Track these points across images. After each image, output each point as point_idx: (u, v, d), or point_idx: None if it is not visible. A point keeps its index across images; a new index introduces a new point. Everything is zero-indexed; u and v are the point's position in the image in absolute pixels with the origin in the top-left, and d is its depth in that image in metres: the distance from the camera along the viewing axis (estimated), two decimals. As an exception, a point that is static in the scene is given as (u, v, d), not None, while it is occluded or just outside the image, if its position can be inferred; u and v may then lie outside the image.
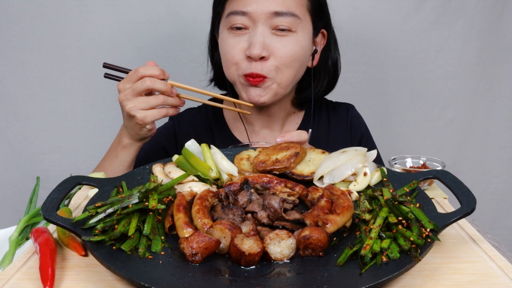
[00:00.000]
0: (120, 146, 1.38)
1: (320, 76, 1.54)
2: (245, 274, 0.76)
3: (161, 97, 1.27)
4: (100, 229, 0.82)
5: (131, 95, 1.26)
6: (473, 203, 0.86)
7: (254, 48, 1.33)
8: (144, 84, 1.24)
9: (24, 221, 1.08)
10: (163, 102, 1.27)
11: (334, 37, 1.54)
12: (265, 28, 1.35)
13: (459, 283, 0.76)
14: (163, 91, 1.26)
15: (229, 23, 1.38)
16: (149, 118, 1.27)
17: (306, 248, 0.81)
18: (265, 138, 1.58)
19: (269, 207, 0.91)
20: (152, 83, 1.24)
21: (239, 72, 1.39)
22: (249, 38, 1.36)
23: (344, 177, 1.06)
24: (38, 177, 1.28)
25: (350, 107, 1.67)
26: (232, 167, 1.13)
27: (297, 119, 1.61)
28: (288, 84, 1.42)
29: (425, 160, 1.27)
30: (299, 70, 1.44)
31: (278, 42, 1.35)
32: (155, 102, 1.26)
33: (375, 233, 0.81)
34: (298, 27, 1.37)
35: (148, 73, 1.25)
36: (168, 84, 1.27)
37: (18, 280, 0.79)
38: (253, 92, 1.39)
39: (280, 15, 1.33)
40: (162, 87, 1.25)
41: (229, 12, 1.37)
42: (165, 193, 0.97)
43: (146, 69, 1.26)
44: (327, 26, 1.50)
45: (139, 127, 1.30)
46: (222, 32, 1.42)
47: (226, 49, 1.40)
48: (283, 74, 1.38)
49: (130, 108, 1.26)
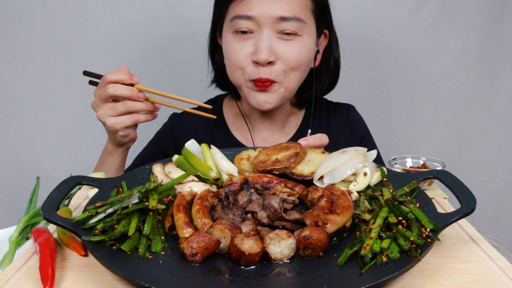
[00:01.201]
0: (106, 152, 1.41)
1: (321, 76, 1.54)
2: (245, 274, 0.76)
3: (128, 103, 1.24)
4: (100, 229, 0.82)
5: (99, 102, 1.26)
6: (473, 203, 0.86)
7: (261, 53, 1.31)
8: (107, 91, 1.22)
9: (24, 221, 1.08)
10: (130, 108, 1.25)
11: (335, 36, 1.54)
12: (270, 33, 1.33)
13: (459, 283, 0.76)
14: (128, 97, 1.23)
15: (233, 27, 1.36)
16: (119, 125, 1.26)
17: (306, 248, 0.81)
18: (265, 139, 1.58)
19: (269, 207, 0.91)
20: (114, 89, 1.22)
21: (246, 77, 1.38)
22: (255, 43, 1.34)
23: (344, 177, 1.06)
24: (38, 177, 1.28)
25: (351, 108, 1.67)
26: (232, 167, 1.13)
27: (297, 119, 1.61)
28: (294, 87, 1.42)
29: (425, 160, 1.27)
30: (305, 73, 1.44)
31: (285, 46, 1.34)
32: (122, 109, 1.24)
33: (375, 233, 0.81)
34: (303, 30, 1.36)
35: (113, 79, 1.23)
36: (134, 89, 1.23)
37: (18, 280, 0.79)
38: (261, 98, 1.38)
39: (285, 20, 1.32)
40: (125, 92, 1.22)
41: (233, 16, 1.35)
42: (165, 193, 0.97)
43: (112, 74, 1.23)
44: (329, 27, 1.50)
45: (112, 134, 1.31)
46: (226, 35, 1.40)
47: (231, 53, 1.38)
48: (290, 78, 1.38)
49: (100, 115, 1.27)
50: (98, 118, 1.27)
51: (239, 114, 1.59)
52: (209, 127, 1.60)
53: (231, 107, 1.62)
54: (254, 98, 1.39)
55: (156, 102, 1.30)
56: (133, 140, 1.37)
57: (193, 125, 1.60)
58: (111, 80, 1.22)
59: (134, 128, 1.35)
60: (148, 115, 1.29)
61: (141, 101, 1.25)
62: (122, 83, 1.23)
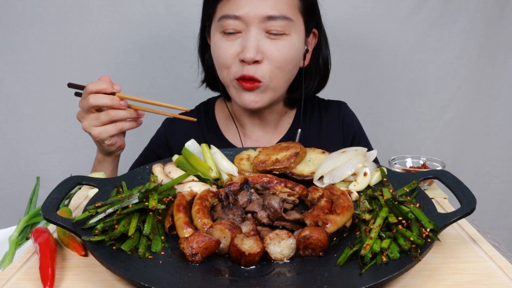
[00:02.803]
0: (96, 162, 1.43)
1: (311, 76, 1.54)
2: (245, 274, 0.76)
3: (111, 112, 1.25)
4: (100, 229, 0.82)
5: (83, 113, 1.28)
6: (473, 203, 0.86)
7: (247, 51, 1.31)
8: (88, 101, 1.24)
9: (24, 221, 1.08)
10: (113, 117, 1.26)
11: (324, 35, 1.53)
12: (258, 32, 1.33)
13: (459, 283, 0.76)
14: (110, 106, 1.24)
15: (221, 27, 1.36)
16: (104, 134, 1.27)
17: (306, 248, 0.81)
18: (258, 140, 1.57)
19: (269, 207, 0.91)
20: (95, 99, 1.23)
21: (231, 76, 1.38)
22: (242, 42, 1.34)
23: (344, 177, 1.06)
24: (38, 177, 1.28)
25: (342, 105, 1.65)
26: (232, 167, 1.13)
27: (289, 118, 1.60)
28: (281, 87, 1.42)
29: (425, 160, 1.27)
30: (293, 73, 1.43)
31: (272, 46, 1.34)
32: (105, 118, 1.25)
33: (375, 233, 0.81)
34: (291, 29, 1.35)
35: (94, 89, 1.24)
36: (115, 98, 1.25)
37: (18, 280, 0.79)
38: (247, 98, 1.38)
39: (273, 19, 1.31)
40: (107, 101, 1.24)
41: (221, 16, 1.35)
42: (165, 193, 0.98)
43: (93, 85, 1.25)
44: (318, 25, 1.49)
45: (99, 144, 1.33)
46: (214, 35, 1.40)
47: (219, 53, 1.38)
48: (277, 78, 1.37)
49: (84, 126, 1.28)
50: (83, 129, 1.29)
51: (230, 115, 1.59)
52: (202, 130, 1.59)
53: (223, 109, 1.62)
54: (241, 98, 1.39)
55: (139, 109, 1.30)
56: (121, 148, 1.38)
57: (186, 129, 1.59)
58: (93, 90, 1.24)
59: (121, 136, 1.37)
60: (132, 122, 1.31)
61: (123, 109, 1.26)
62: (103, 92, 1.25)
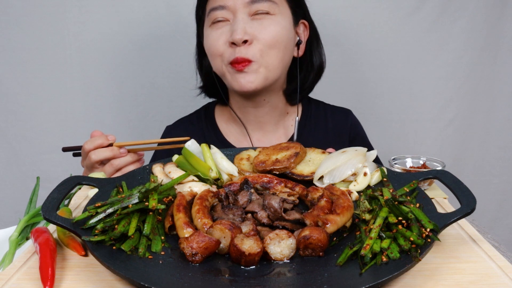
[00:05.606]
0: None
1: (307, 67, 1.57)
2: (245, 274, 0.76)
3: (114, 162, 1.32)
4: (100, 229, 0.82)
5: (88, 171, 1.34)
6: (473, 203, 0.86)
7: (236, 33, 1.36)
8: (91, 160, 1.30)
9: (24, 221, 1.08)
10: (118, 166, 1.32)
11: (315, 32, 1.57)
12: (244, 16, 1.38)
13: (459, 283, 0.76)
14: (111, 157, 1.31)
15: (210, 20, 1.42)
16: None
17: (306, 248, 0.81)
18: (258, 140, 1.58)
19: (269, 207, 0.91)
20: (97, 156, 1.30)
21: (225, 62, 1.41)
22: (230, 28, 1.39)
23: (344, 177, 1.06)
24: (38, 177, 1.28)
25: (349, 113, 1.68)
26: (232, 167, 1.13)
27: (291, 120, 1.61)
28: (275, 66, 1.43)
29: (425, 160, 1.27)
30: (285, 53, 1.45)
31: (259, 25, 1.39)
32: (110, 170, 1.32)
33: (375, 233, 0.81)
34: (276, 10, 1.41)
35: (91, 147, 1.31)
36: (114, 148, 1.32)
37: (18, 280, 0.79)
38: (243, 80, 1.40)
39: (256, 2, 1.38)
40: (107, 154, 1.30)
41: (209, 10, 1.42)
42: (165, 193, 0.98)
43: (89, 143, 1.31)
44: (306, 17, 1.53)
45: None
46: (206, 30, 1.46)
47: (210, 43, 1.43)
48: (269, 56, 1.40)
49: None
50: None
51: (230, 119, 1.61)
52: (203, 134, 1.61)
53: (223, 112, 1.64)
54: (236, 81, 1.42)
55: (139, 150, 1.38)
56: None
57: (187, 134, 1.60)
58: (90, 148, 1.31)
59: None
60: (136, 163, 1.37)
61: (125, 155, 1.33)
62: (101, 147, 1.31)
